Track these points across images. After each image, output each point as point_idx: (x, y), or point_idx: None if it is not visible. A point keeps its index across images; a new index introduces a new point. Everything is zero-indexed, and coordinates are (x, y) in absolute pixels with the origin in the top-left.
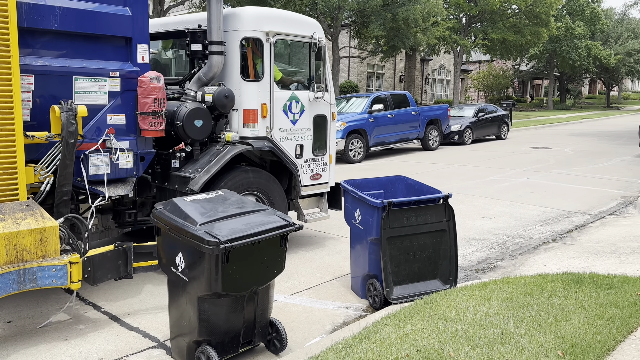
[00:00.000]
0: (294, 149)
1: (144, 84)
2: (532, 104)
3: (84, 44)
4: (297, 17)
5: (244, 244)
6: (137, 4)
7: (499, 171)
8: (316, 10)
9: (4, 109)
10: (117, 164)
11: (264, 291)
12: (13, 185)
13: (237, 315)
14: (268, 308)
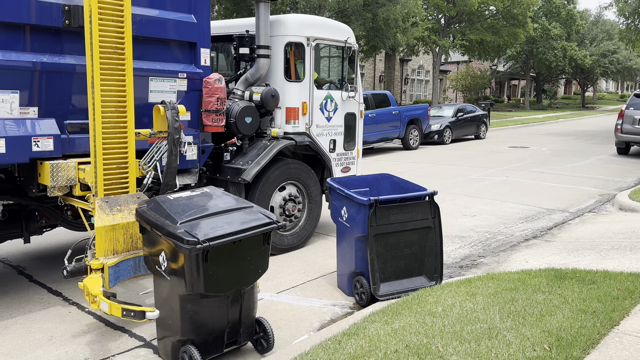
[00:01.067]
0: (328, 144)
1: (209, 84)
2: (509, 104)
3: (157, 48)
4: (334, 23)
5: (223, 243)
6: (201, 11)
7: (478, 170)
8: (297, 9)
9: (120, 109)
10: (184, 156)
11: (250, 291)
12: (124, 178)
13: (221, 315)
14: (253, 308)
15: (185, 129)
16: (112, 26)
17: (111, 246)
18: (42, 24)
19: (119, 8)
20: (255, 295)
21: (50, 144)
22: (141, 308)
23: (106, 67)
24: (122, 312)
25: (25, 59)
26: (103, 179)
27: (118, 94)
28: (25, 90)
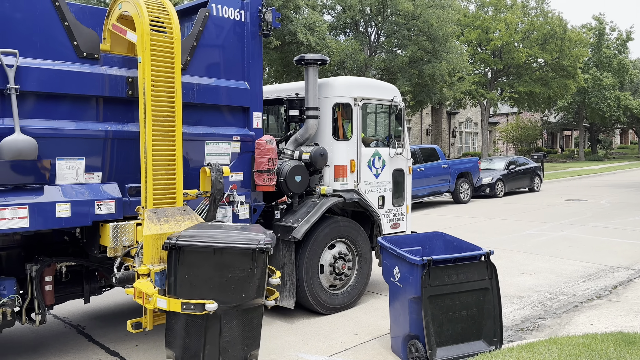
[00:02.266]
0: (377, 200)
1: (261, 146)
2: (563, 155)
3: (213, 114)
4: (380, 83)
5: (199, 247)
6: (254, 78)
7: (535, 224)
8: (344, 69)
9: (170, 171)
10: (237, 216)
11: (236, 316)
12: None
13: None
14: (242, 340)
15: (238, 188)
16: (164, 96)
17: (157, 254)
18: (108, 95)
19: (170, 80)
20: (247, 324)
21: (112, 207)
22: (201, 301)
23: (158, 133)
24: (182, 305)
25: (93, 128)
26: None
27: (168, 157)
28: (91, 156)
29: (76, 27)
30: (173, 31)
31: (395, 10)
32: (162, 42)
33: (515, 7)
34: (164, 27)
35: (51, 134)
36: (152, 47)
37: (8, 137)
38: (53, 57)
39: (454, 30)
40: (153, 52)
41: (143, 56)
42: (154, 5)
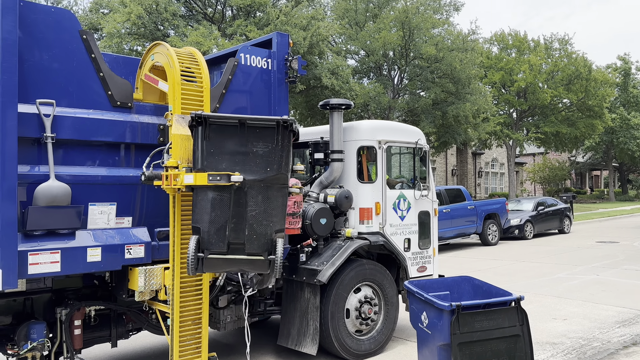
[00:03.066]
0: (403, 243)
1: None
2: (592, 196)
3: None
4: (403, 126)
5: (225, 120)
6: None
7: (565, 267)
8: (368, 111)
9: None
10: (285, 247)
11: (261, 191)
12: (198, 280)
13: None
14: (266, 217)
15: None
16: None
17: (185, 154)
18: (140, 142)
19: None
20: None
21: (141, 251)
22: (227, 172)
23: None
24: (208, 177)
25: (125, 174)
26: (179, 282)
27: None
28: (122, 201)
29: (111, 78)
30: (203, 80)
31: (418, 54)
32: (192, 91)
33: (538, 49)
34: (194, 76)
35: (85, 180)
36: (183, 96)
37: (43, 184)
38: (88, 106)
39: (477, 72)
40: (183, 100)
41: (174, 104)
42: (185, 56)
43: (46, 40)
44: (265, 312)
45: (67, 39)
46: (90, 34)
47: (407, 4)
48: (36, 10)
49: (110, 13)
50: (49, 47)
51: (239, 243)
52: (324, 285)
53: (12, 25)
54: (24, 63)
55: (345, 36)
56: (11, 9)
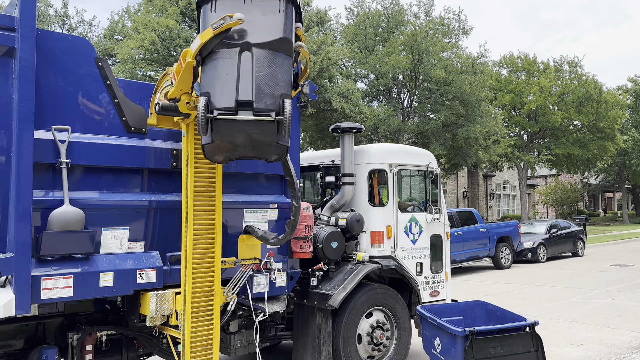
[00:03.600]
0: (415, 267)
1: None
2: (605, 218)
3: (251, 182)
4: (414, 150)
5: None
6: (292, 148)
7: (580, 291)
8: (378, 133)
9: (209, 239)
10: (274, 283)
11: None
12: (210, 305)
13: None
14: (273, 79)
15: (275, 256)
16: (205, 167)
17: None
18: (153, 167)
19: None
20: None
21: (153, 276)
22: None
23: (198, 202)
24: (212, 28)
25: (138, 199)
26: (191, 307)
27: (208, 225)
28: (135, 226)
29: (125, 104)
30: None
31: (427, 77)
32: None
33: (548, 71)
34: None
35: (98, 205)
36: (196, 122)
37: (58, 209)
38: (103, 131)
39: (487, 95)
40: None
41: (187, 130)
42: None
43: (63, 67)
44: (276, 337)
45: (83, 66)
46: (105, 61)
47: (416, 29)
48: (53, 39)
49: (124, 39)
50: (65, 74)
51: (247, 101)
52: (335, 310)
53: (30, 53)
54: (41, 89)
55: (355, 60)
56: (29, 37)
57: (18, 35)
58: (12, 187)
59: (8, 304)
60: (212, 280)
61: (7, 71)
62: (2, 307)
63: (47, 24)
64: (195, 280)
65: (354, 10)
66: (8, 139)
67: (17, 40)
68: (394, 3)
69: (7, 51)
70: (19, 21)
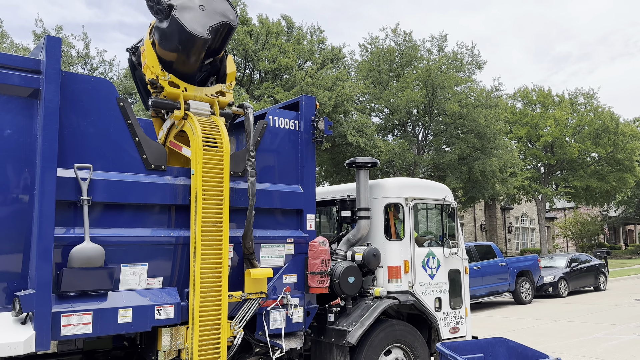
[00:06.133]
0: (433, 302)
1: (314, 247)
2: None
3: (268, 217)
4: (430, 184)
5: None
6: (307, 182)
7: (603, 327)
8: (393, 167)
9: (216, 274)
10: (291, 319)
11: None
12: (216, 339)
13: None
14: None
15: (291, 291)
16: (213, 203)
17: None
18: (172, 203)
19: (219, 189)
20: None
21: (171, 312)
22: None
23: (206, 237)
24: None
25: (157, 235)
26: (198, 340)
27: (215, 260)
28: (154, 262)
29: (145, 142)
30: (223, 146)
31: (441, 111)
32: (214, 156)
33: (563, 104)
34: (216, 142)
35: (118, 242)
36: (204, 161)
37: (78, 246)
38: (124, 169)
39: (502, 128)
40: (205, 165)
41: (196, 169)
42: (207, 124)
43: (85, 108)
44: None
45: (105, 106)
46: (126, 101)
47: (430, 64)
48: (76, 80)
49: None
50: (88, 114)
51: None
52: (353, 347)
53: (54, 94)
54: (64, 129)
55: (369, 95)
56: (54, 79)
57: (43, 78)
58: (34, 224)
59: (28, 340)
60: (219, 314)
61: (32, 112)
62: (22, 344)
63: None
64: (202, 314)
65: (367, 47)
66: (32, 178)
67: (42, 83)
68: (407, 39)
69: (32, 93)
70: (44, 64)
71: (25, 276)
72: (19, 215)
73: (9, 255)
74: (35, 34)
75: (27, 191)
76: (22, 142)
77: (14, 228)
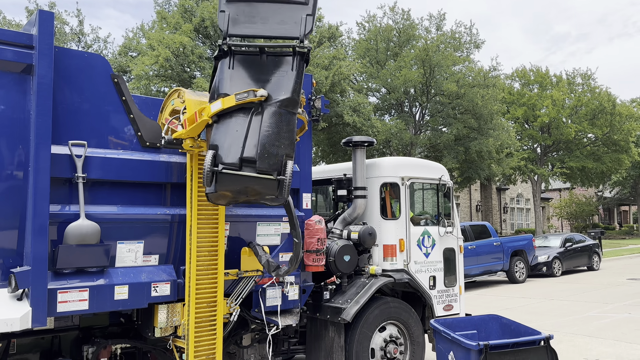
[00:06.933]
0: (428, 281)
1: (310, 226)
2: (621, 232)
3: None
4: (427, 163)
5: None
6: (304, 161)
7: (596, 306)
8: (389, 147)
9: (212, 252)
10: (286, 296)
11: (275, 114)
12: (213, 315)
13: None
14: (277, 139)
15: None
16: None
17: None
18: (167, 181)
19: None
20: None
21: (167, 289)
22: (253, 89)
23: (202, 215)
24: (236, 97)
25: (153, 212)
26: (195, 317)
27: (211, 237)
28: (149, 239)
29: (140, 119)
30: None
31: (439, 91)
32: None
33: (561, 84)
34: None
35: (114, 219)
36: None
37: (74, 223)
38: (119, 147)
39: (500, 108)
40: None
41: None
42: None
43: (79, 84)
44: (289, 351)
45: (99, 82)
46: (121, 78)
47: (428, 43)
48: (70, 56)
49: (138, 56)
50: (82, 90)
51: (251, 158)
52: (348, 324)
53: (47, 70)
54: (58, 105)
55: (367, 74)
56: (46, 54)
57: (36, 53)
58: (29, 201)
59: (25, 316)
60: (216, 292)
61: (26, 88)
62: (19, 320)
63: (63, 41)
64: (199, 291)
65: (365, 26)
66: (26, 155)
67: (35, 58)
68: (405, 18)
69: (25, 68)
70: (37, 39)
71: (21, 253)
72: (14, 192)
73: (4, 232)
74: (28, 10)
75: (21, 168)
76: (15, 119)
77: (9, 205)
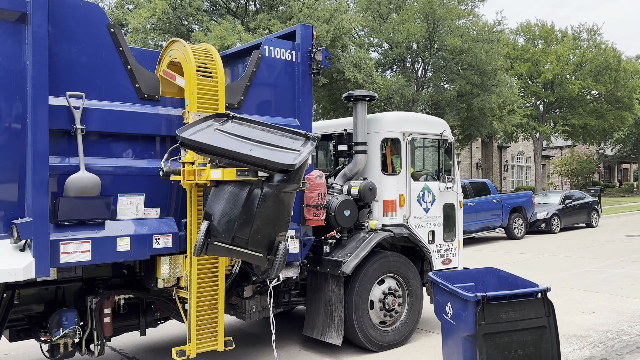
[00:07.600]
0: (427, 235)
1: (310, 180)
2: (621, 190)
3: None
4: (428, 118)
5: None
6: (304, 115)
7: (593, 261)
8: (391, 104)
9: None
10: (287, 250)
11: (273, 196)
12: (214, 267)
13: None
14: (274, 221)
15: None
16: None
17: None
18: (167, 134)
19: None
20: None
21: (169, 241)
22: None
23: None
24: (237, 172)
25: (154, 166)
26: (197, 268)
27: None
28: (150, 192)
29: (138, 71)
30: (218, 76)
31: (442, 46)
32: (208, 86)
33: (566, 40)
34: (210, 72)
35: (114, 172)
36: (199, 91)
37: (74, 175)
38: (116, 98)
39: (503, 64)
40: (199, 95)
41: (190, 99)
42: (200, 52)
43: (75, 34)
44: (289, 302)
45: (95, 32)
46: (117, 28)
47: None
48: (65, 5)
49: (135, 9)
50: (78, 41)
51: (244, 238)
52: (348, 277)
53: (42, 19)
54: (54, 57)
55: (369, 29)
56: (41, 4)
57: (30, 1)
58: (28, 153)
59: (28, 267)
60: None
61: (21, 38)
62: (22, 270)
63: None
64: None
65: None
66: (23, 106)
67: (30, 6)
68: None
69: (20, 17)
70: None
71: (22, 205)
72: (13, 144)
73: (5, 185)
74: None
75: (19, 120)
76: (11, 70)
77: (9, 157)
